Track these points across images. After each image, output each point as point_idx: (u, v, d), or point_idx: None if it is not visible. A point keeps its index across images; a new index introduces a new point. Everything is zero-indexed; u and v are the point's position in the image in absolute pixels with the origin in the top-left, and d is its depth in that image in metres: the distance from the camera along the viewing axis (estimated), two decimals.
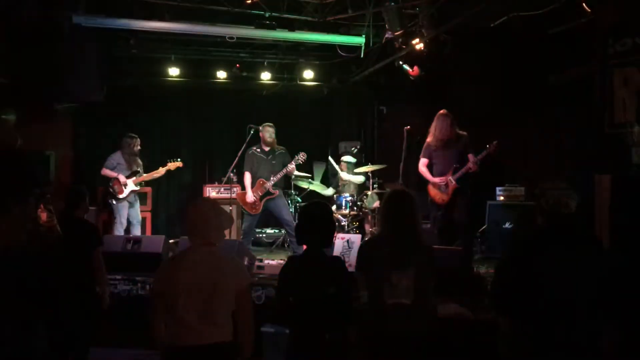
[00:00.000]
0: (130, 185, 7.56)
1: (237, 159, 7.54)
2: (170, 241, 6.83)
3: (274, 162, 7.19)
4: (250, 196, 7.15)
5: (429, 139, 6.39)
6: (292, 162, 7.17)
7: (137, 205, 7.75)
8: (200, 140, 9.78)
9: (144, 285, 5.82)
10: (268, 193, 7.11)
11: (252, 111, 9.38)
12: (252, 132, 7.49)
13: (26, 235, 1.93)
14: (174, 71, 9.04)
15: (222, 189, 8.59)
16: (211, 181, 9.08)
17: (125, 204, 7.55)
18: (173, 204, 9.61)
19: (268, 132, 7.23)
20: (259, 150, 7.28)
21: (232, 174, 7.95)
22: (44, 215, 2.54)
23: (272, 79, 9.46)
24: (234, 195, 8.34)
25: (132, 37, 8.08)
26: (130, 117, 9.12)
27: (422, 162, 6.49)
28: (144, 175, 7.70)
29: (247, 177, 7.26)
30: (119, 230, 7.45)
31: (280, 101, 9.80)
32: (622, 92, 5.50)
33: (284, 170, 7.10)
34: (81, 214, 4.61)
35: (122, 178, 7.51)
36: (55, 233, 2.74)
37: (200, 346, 2.91)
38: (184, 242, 6.58)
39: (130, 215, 7.61)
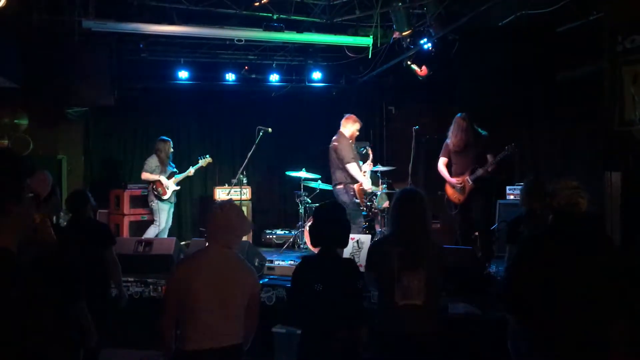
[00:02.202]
0: (172, 185, 7.75)
1: (246, 160, 7.57)
2: (182, 243, 6.87)
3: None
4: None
5: (448, 140, 6.42)
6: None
7: (173, 207, 7.88)
8: (210, 143, 9.84)
9: (156, 287, 5.87)
10: None
11: (261, 113, 9.42)
12: (261, 133, 7.53)
13: (25, 235, 1.95)
14: (183, 74, 9.10)
15: (232, 191, 8.63)
16: (221, 183, 9.13)
17: (167, 204, 7.72)
18: (183, 206, 9.66)
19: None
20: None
21: (242, 176, 8.00)
22: (37, 218, 2.56)
23: (280, 81, 9.50)
24: (244, 197, 8.39)
25: (141, 41, 8.15)
26: (141, 120, 9.18)
27: (442, 161, 6.54)
28: (180, 175, 7.88)
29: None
30: (154, 232, 7.55)
31: (289, 102, 9.84)
32: (632, 89, 5.46)
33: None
34: (89, 214, 4.62)
35: (164, 180, 7.68)
36: (49, 238, 2.75)
37: (219, 349, 2.94)
38: (196, 244, 6.62)
39: (168, 218, 7.80)
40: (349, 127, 7.03)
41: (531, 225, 3.86)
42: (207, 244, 3.17)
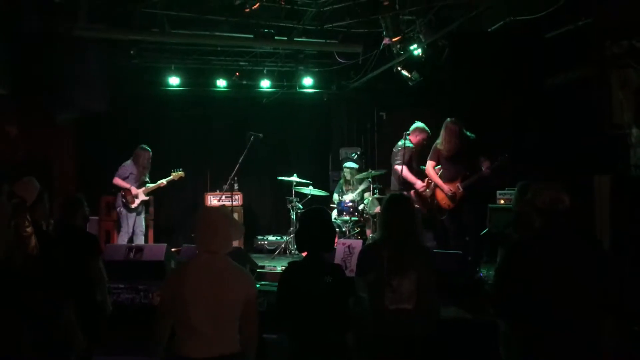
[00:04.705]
0: (141, 195, 7.67)
1: (237, 165, 7.56)
2: (172, 249, 6.84)
3: None
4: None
5: (439, 146, 6.42)
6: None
7: (143, 214, 7.81)
8: (201, 148, 9.83)
9: (147, 294, 5.84)
10: None
11: (252, 119, 9.44)
12: (252, 139, 7.53)
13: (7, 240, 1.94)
14: (174, 80, 9.10)
15: (223, 197, 8.61)
16: (212, 189, 9.11)
17: (134, 213, 7.63)
18: (175, 212, 9.64)
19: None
20: None
21: (233, 182, 7.99)
22: (21, 223, 2.54)
23: (271, 87, 9.52)
24: (235, 203, 8.37)
25: (132, 47, 8.14)
26: (132, 126, 9.15)
27: (430, 165, 6.55)
28: (151, 185, 7.76)
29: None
30: (124, 240, 7.49)
31: (280, 108, 9.86)
32: (620, 94, 5.52)
33: None
34: (79, 222, 4.58)
35: (134, 189, 7.60)
36: (31, 242, 2.73)
37: (214, 358, 2.88)
38: (186, 250, 6.61)
39: (136, 225, 7.66)
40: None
41: (520, 229, 3.88)
42: (197, 252, 3.12)
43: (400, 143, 6.91)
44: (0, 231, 2.02)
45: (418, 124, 7.00)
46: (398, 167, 6.85)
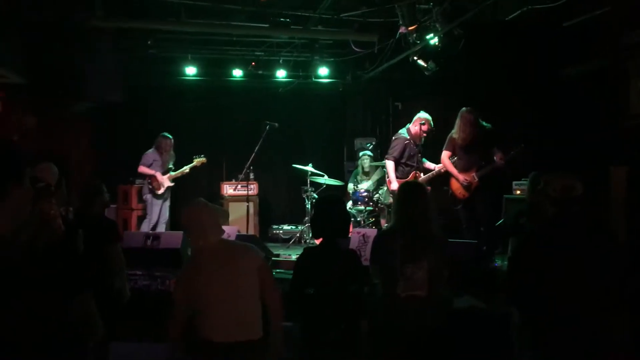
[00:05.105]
0: (166, 182, 7.81)
1: (253, 155, 7.61)
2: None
3: None
4: None
5: (455, 135, 6.41)
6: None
7: (169, 202, 7.93)
8: (217, 138, 9.89)
9: (164, 281, 5.90)
10: None
11: (267, 109, 9.46)
12: (267, 128, 7.57)
13: (25, 218, 1.99)
14: (191, 70, 9.16)
15: (239, 186, 8.67)
16: (228, 179, 9.17)
17: (160, 201, 7.77)
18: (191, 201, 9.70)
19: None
20: None
21: (248, 171, 8.04)
22: (46, 207, 2.59)
23: (287, 77, 9.54)
24: (251, 193, 8.43)
25: (149, 37, 8.20)
26: (148, 116, 9.24)
27: (445, 155, 6.53)
28: (174, 172, 7.91)
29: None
30: (146, 227, 7.61)
31: (296, 99, 9.88)
32: (638, 84, 5.46)
33: None
34: (99, 209, 4.63)
35: (159, 176, 7.72)
36: (56, 226, 2.78)
37: (234, 343, 2.96)
38: None
39: (161, 214, 7.82)
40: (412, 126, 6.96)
41: (533, 219, 3.87)
42: (198, 245, 3.17)
43: (401, 131, 6.90)
44: (24, 214, 2.07)
45: (421, 114, 6.92)
46: (387, 161, 6.89)
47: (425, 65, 7.18)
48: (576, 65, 6.74)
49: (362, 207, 7.78)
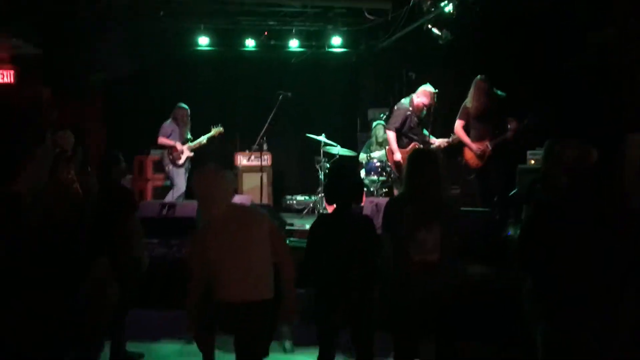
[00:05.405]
0: (186, 152, 7.88)
1: (266, 125, 7.61)
2: None
3: None
4: None
5: (468, 104, 6.37)
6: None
7: (188, 172, 8.01)
8: (230, 109, 9.89)
9: (179, 249, 6.00)
10: None
11: (281, 79, 9.43)
12: (280, 98, 7.56)
13: (48, 178, 2.05)
14: (203, 40, 9.15)
15: (252, 156, 8.70)
16: (242, 149, 9.20)
17: (183, 170, 7.84)
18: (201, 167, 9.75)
19: None
20: None
21: (262, 141, 8.05)
22: (64, 172, 2.65)
23: (300, 47, 9.48)
24: (264, 163, 8.45)
25: (162, 7, 8.17)
26: (161, 87, 9.26)
27: (459, 124, 6.48)
28: (193, 143, 7.96)
29: None
30: (175, 195, 7.71)
31: (309, 69, 9.84)
32: None
33: None
34: (116, 178, 4.63)
35: (179, 146, 7.80)
36: (74, 191, 2.86)
37: (247, 303, 3.08)
38: None
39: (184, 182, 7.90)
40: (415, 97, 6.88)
41: (546, 189, 3.85)
42: (209, 211, 3.24)
43: (403, 101, 6.86)
44: (45, 176, 2.13)
45: (425, 86, 6.81)
46: (388, 131, 6.86)
47: (440, 34, 7.11)
48: (596, 32, 6.60)
49: (375, 177, 7.77)
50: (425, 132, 6.95)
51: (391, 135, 6.85)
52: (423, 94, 6.76)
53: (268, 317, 3.19)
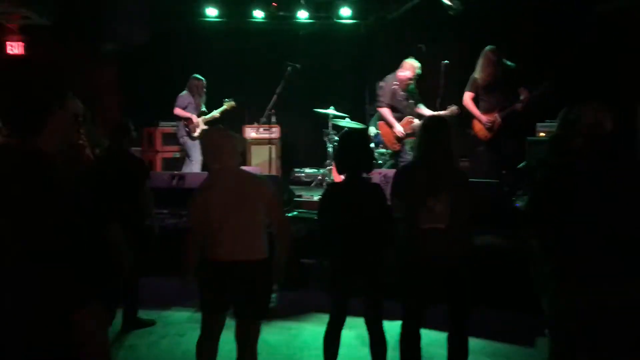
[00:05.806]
0: (201, 124, 7.87)
1: (275, 97, 7.59)
2: None
3: None
4: None
5: (476, 75, 6.31)
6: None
7: None
8: (238, 81, 9.84)
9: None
10: None
11: (289, 51, 9.36)
12: (289, 69, 7.51)
13: (68, 151, 2.08)
14: (212, 11, 9.09)
15: (261, 129, 8.69)
16: (250, 122, 9.19)
17: (198, 142, 7.82)
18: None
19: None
20: None
21: (270, 114, 8.03)
22: (75, 136, 2.67)
23: (309, 18, 9.40)
24: (273, 136, 8.44)
25: None
26: (170, 58, 9.23)
27: (468, 95, 6.43)
28: (207, 116, 7.97)
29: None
30: (197, 168, 7.69)
31: (318, 40, 9.76)
32: None
33: None
34: (127, 147, 4.73)
35: (194, 118, 7.81)
36: (85, 156, 2.88)
37: (242, 261, 3.14)
38: None
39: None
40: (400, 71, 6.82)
41: (561, 153, 3.80)
42: (214, 167, 3.29)
43: (387, 77, 6.81)
44: (66, 137, 2.15)
45: (408, 60, 6.76)
46: (380, 109, 6.81)
47: (451, 5, 7.03)
48: (606, 3, 6.50)
49: (384, 150, 7.76)
50: (421, 105, 6.90)
51: (386, 112, 6.83)
52: (406, 67, 6.73)
53: (262, 278, 3.23)
